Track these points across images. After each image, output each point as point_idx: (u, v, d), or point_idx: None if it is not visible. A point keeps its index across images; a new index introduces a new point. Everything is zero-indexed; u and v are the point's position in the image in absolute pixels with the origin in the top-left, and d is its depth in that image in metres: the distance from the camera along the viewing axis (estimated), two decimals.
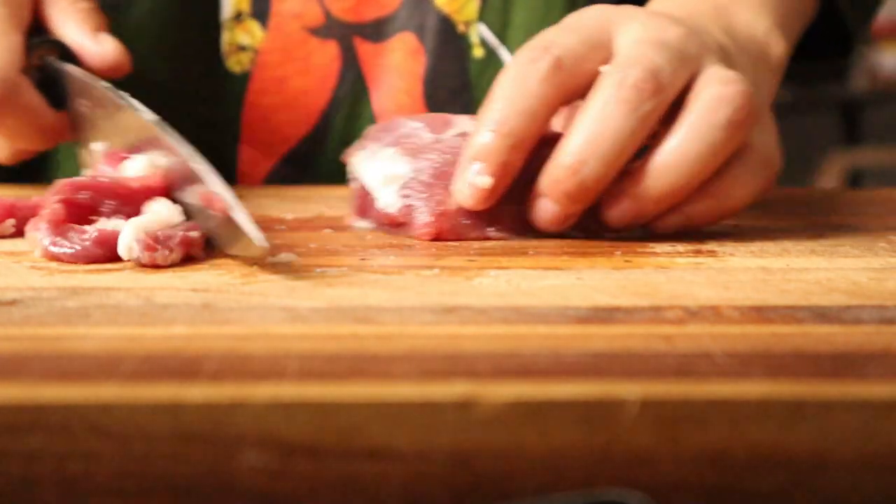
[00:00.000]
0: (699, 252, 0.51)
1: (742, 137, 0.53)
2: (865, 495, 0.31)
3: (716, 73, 0.54)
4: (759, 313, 0.40)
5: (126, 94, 0.57)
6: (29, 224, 0.50)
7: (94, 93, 0.60)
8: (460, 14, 0.79)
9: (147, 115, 0.54)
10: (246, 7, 0.78)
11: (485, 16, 0.79)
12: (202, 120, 0.78)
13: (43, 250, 0.48)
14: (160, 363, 0.33)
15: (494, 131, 0.52)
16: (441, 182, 0.54)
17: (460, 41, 0.79)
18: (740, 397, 0.31)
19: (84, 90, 0.61)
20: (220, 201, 0.47)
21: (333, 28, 0.79)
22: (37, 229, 0.49)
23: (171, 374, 0.32)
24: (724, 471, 0.31)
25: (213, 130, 0.78)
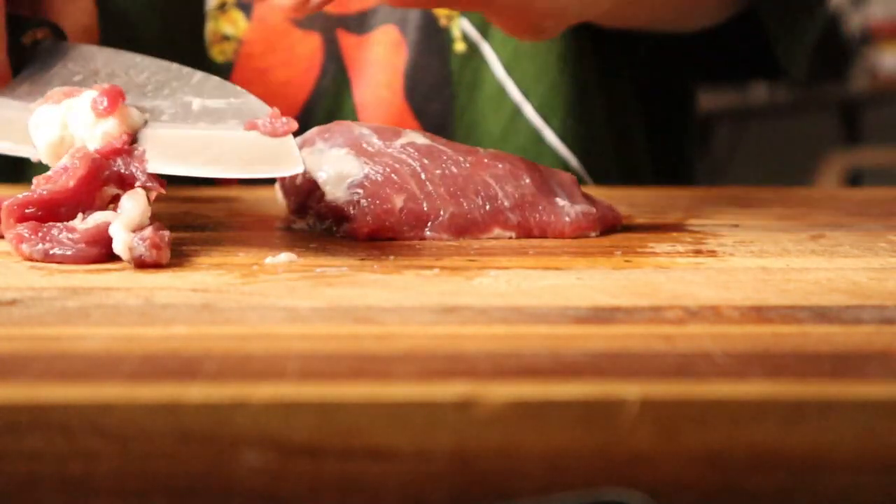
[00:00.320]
0: (699, 252, 0.51)
1: None
2: (865, 495, 0.31)
3: None
4: (759, 313, 0.40)
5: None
6: (8, 235, 0.49)
7: (98, 57, 0.60)
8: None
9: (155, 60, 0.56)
10: None
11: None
12: None
13: (42, 254, 0.48)
14: (160, 363, 0.33)
15: None
16: (387, 186, 0.55)
17: (442, 35, 0.78)
18: (740, 397, 0.31)
19: (83, 58, 0.61)
20: (284, 125, 0.50)
21: (317, 19, 0.78)
22: (21, 241, 0.48)
23: (171, 374, 0.32)
24: (724, 471, 0.31)
25: None
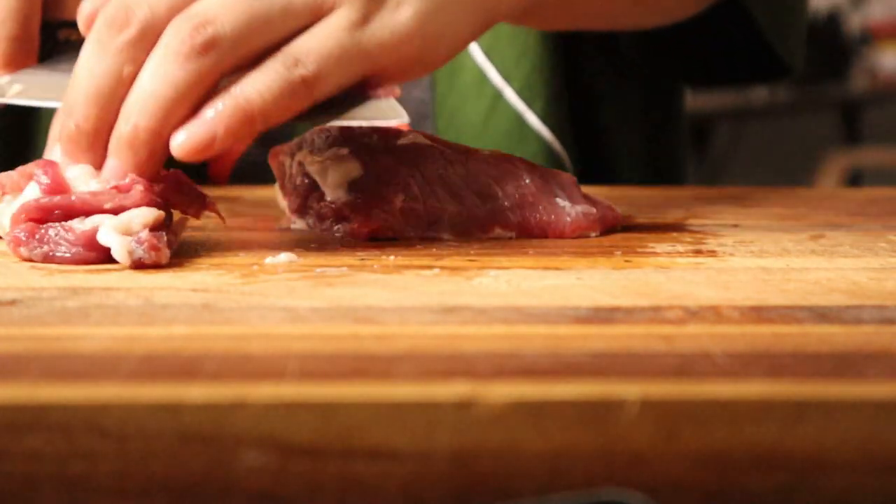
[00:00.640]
0: (699, 252, 0.51)
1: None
2: (865, 495, 0.31)
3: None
4: (759, 313, 0.40)
5: None
6: (6, 238, 0.49)
7: None
8: None
9: None
10: None
11: None
12: None
13: (41, 257, 0.47)
14: (160, 363, 0.33)
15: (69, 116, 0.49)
16: (387, 186, 0.54)
17: None
18: (740, 397, 0.31)
19: None
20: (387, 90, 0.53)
21: None
22: (18, 244, 0.48)
23: (171, 374, 0.32)
24: (724, 471, 0.31)
25: None
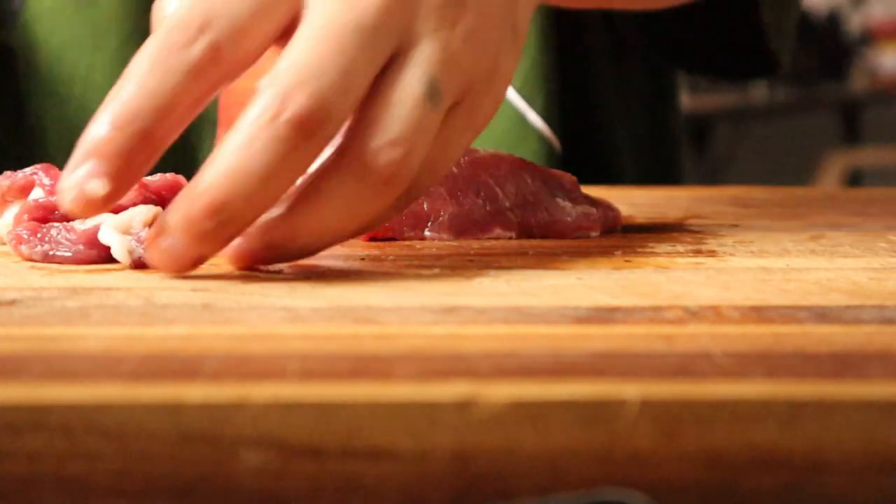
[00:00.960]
0: (699, 252, 0.51)
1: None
2: (865, 495, 0.31)
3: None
4: (759, 313, 0.40)
5: None
6: (7, 237, 0.49)
7: None
8: None
9: None
10: None
11: None
12: None
13: (42, 255, 0.48)
14: (160, 363, 0.33)
15: (112, 124, 0.41)
16: None
17: None
18: (740, 397, 0.31)
19: None
20: None
21: None
22: (20, 242, 0.48)
23: (171, 374, 0.32)
24: (724, 471, 0.31)
25: None
